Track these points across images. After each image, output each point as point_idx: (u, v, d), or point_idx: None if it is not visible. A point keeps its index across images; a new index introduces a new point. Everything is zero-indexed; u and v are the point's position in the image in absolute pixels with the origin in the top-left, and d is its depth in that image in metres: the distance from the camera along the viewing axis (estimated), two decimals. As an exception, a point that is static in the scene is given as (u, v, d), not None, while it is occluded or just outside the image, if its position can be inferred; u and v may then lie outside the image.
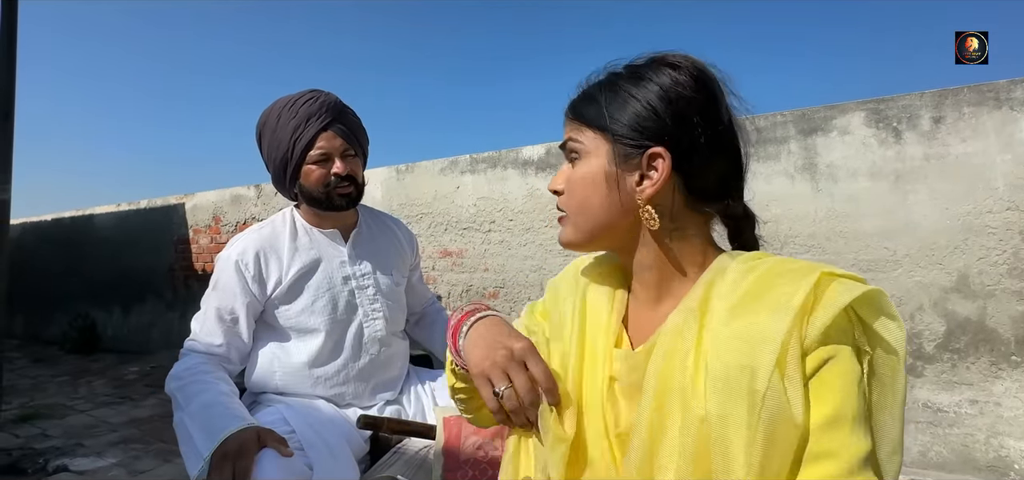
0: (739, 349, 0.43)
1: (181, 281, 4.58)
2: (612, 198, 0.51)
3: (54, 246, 5.78)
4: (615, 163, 0.51)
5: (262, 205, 4.04)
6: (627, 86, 0.51)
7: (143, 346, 4.83)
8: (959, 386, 2.02)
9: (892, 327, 0.43)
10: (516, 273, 3.01)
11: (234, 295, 1.02)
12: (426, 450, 0.99)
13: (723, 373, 0.43)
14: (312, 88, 1.08)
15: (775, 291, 0.44)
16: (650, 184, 0.50)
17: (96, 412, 3.08)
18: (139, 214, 4.94)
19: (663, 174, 0.49)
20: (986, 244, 1.97)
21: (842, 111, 2.23)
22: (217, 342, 1.01)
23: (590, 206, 0.52)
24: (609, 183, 0.51)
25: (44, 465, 2.27)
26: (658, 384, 0.47)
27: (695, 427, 0.43)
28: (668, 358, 0.47)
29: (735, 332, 0.44)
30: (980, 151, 1.98)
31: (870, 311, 0.43)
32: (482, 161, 3.13)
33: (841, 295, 0.42)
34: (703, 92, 0.51)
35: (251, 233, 1.08)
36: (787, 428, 0.41)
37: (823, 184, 2.24)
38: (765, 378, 0.41)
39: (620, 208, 0.51)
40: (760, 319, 0.43)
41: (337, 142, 1.05)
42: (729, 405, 0.42)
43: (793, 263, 0.47)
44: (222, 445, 0.79)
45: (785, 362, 0.41)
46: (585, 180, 0.52)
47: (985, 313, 1.97)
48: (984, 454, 1.94)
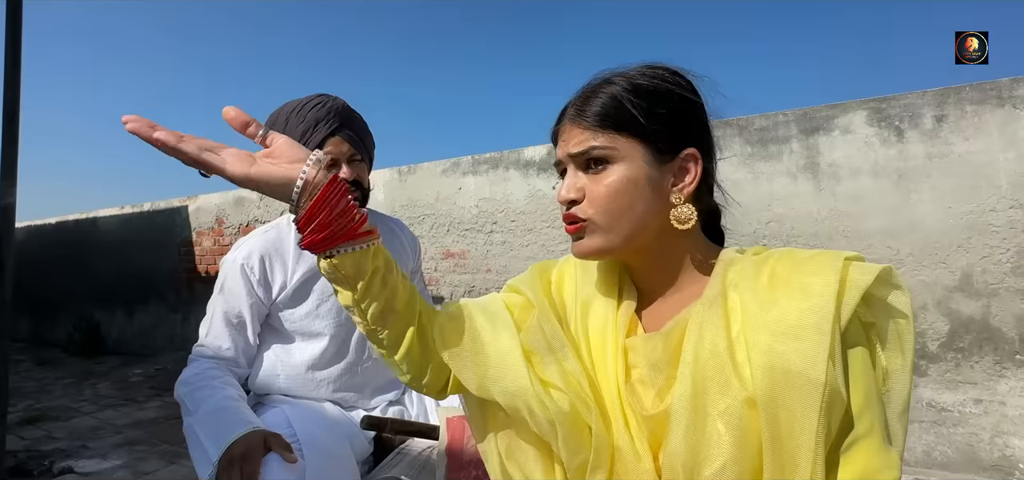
0: (784, 338, 0.45)
1: (185, 283, 4.60)
2: (652, 201, 0.52)
3: (58, 249, 5.81)
4: (653, 166, 0.52)
5: (265, 207, 4.06)
6: (648, 93, 0.53)
7: (147, 348, 4.85)
8: (963, 385, 2.01)
9: (901, 296, 0.47)
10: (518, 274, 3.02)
11: (240, 299, 1.03)
12: (430, 450, 0.99)
13: (768, 361, 0.45)
14: (320, 92, 1.08)
15: (805, 279, 0.46)
16: (687, 184, 0.53)
17: (101, 414, 3.09)
18: (143, 217, 4.96)
19: (697, 173, 0.53)
20: (990, 243, 1.96)
21: (844, 110, 2.23)
22: (225, 346, 1.02)
23: (631, 211, 0.52)
24: (652, 186, 0.52)
25: (49, 467, 2.29)
26: (694, 368, 0.48)
27: (739, 411, 0.45)
28: (698, 342, 0.49)
29: (775, 321, 0.46)
30: (983, 149, 1.98)
31: (884, 286, 0.47)
32: (484, 162, 3.13)
33: (862, 277, 0.46)
34: (699, 97, 0.55)
35: (256, 236, 1.08)
36: (839, 410, 0.44)
37: (825, 183, 2.24)
38: (822, 368, 0.43)
39: (655, 211, 0.53)
40: (802, 308, 0.45)
41: (344, 147, 1.05)
42: (782, 391, 0.44)
43: (804, 252, 0.50)
44: (228, 450, 0.80)
45: (834, 351, 0.43)
46: (623, 185, 0.52)
47: (989, 312, 1.97)
48: (989, 453, 1.94)
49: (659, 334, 0.53)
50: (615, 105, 0.52)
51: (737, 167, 2.42)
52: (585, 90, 0.55)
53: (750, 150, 2.41)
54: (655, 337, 0.53)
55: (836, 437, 0.44)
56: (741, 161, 2.42)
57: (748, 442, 0.45)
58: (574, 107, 0.55)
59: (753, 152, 2.40)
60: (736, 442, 0.45)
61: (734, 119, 2.46)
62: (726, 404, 0.46)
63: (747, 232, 2.36)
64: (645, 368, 0.53)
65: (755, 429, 0.45)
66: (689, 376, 0.48)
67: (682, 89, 0.54)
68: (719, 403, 0.46)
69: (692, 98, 0.54)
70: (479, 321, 0.58)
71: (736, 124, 2.44)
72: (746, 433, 0.45)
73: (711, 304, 0.50)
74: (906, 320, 0.47)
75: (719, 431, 0.46)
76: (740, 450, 0.45)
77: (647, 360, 0.53)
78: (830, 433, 0.43)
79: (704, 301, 0.51)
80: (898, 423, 0.48)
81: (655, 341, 0.53)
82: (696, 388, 0.47)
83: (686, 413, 0.47)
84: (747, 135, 2.42)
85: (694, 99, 0.54)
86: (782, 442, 0.43)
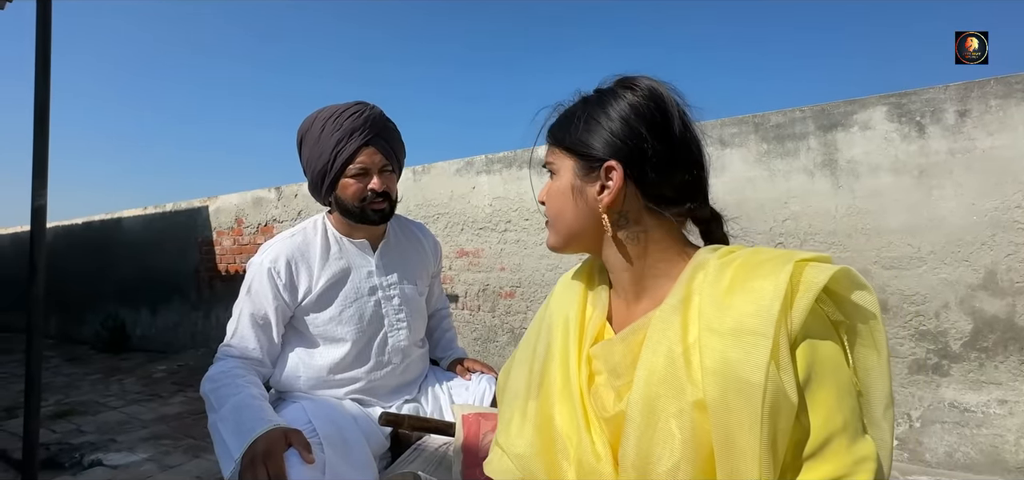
0: (733, 343, 0.46)
1: (206, 282, 4.70)
2: (579, 207, 0.59)
3: (85, 249, 5.98)
4: (579, 177, 0.59)
5: (282, 207, 4.13)
6: (590, 109, 0.59)
7: (170, 345, 4.97)
8: (987, 386, 1.97)
9: (866, 295, 0.48)
10: (532, 272, 3.03)
11: (266, 301, 1.05)
12: (446, 447, 1.01)
13: (720, 366, 0.46)
14: (358, 101, 1.09)
15: (755, 283, 0.47)
16: (607, 194, 0.57)
17: (127, 409, 3.19)
18: (164, 217, 5.09)
19: (616, 184, 0.56)
20: (1015, 240, 1.92)
21: (863, 106, 2.19)
22: (251, 346, 1.04)
23: (564, 215, 0.60)
24: (575, 194, 0.59)
25: (80, 459, 2.37)
26: (648, 371, 0.50)
27: (690, 413, 0.47)
28: (655, 347, 0.51)
29: (726, 326, 0.47)
30: (1008, 144, 1.93)
31: (845, 285, 0.48)
32: (497, 161, 3.15)
33: (816, 277, 0.46)
34: (655, 110, 0.56)
35: (283, 240, 1.10)
36: (787, 414, 0.44)
37: (844, 180, 2.21)
38: (762, 372, 0.44)
39: (587, 215, 0.59)
40: (747, 311, 0.46)
41: (377, 158, 1.06)
42: (730, 395, 0.45)
43: (765, 253, 0.51)
44: (251, 447, 0.82)
45: (778, 353, 0.44)
46: (559, 192, 0.61)
47: (1014, 311, 1.92)
48: (1014, 455, 1.89)
49: (618, 338, 0.56)
50: (558, 123, 0.62)
51: (752, 165, 2.39)
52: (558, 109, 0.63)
53: (766, 147, 2.38)
54: (615, 341, 0.56)
55: (798, 439, 0.45)
56: (757, 158, 2.39)
57: (700, 443, 0.46)
58: (548, 123, 0.63)
59: (769, 149, 2.37)
60: (688, 443, 0.46)
61: (749, 116, 2.43)
62: (678, 407, 0.47)
63: (763, 230, 2.34)
64: (606, 371, 0.57)
65: (706, 432, 0.46)
66: (644, 379, 0.50)
67: (610, 107, 0.57)
68: (671, 406, 0.48)
69: (630, 112, 0.56)
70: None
71: (751, 121, 2.42)
72: (697, 435, 0.46)
73: (673, 309, 0.52)
74: (875, 319, 0.48)
75: (672, 432, 0.47)
76: (693, 451, 0.46)
77: (606, 364, 0.56)
78: (777, 436, 0.44)
79: (666, 307, 0.53)
80: (883, 420, 0.49)
81: (614, 345, 0.56)
82: (649, 391, 0.49)
83: (640, 414, 0.49)
84: (763, 132, 2.39)
85: (639, 112, 0.56)
86: (730, 445, 0.44)
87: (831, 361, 0.46)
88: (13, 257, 7.04)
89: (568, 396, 0.58)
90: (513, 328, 3.10)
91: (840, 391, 0.46)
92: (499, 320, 3.15)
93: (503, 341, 3.14)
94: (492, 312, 3.17)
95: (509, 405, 0.66)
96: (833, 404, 0.45)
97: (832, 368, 0.46)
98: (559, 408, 0.58)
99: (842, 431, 0.45)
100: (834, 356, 0.46)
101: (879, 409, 0.49)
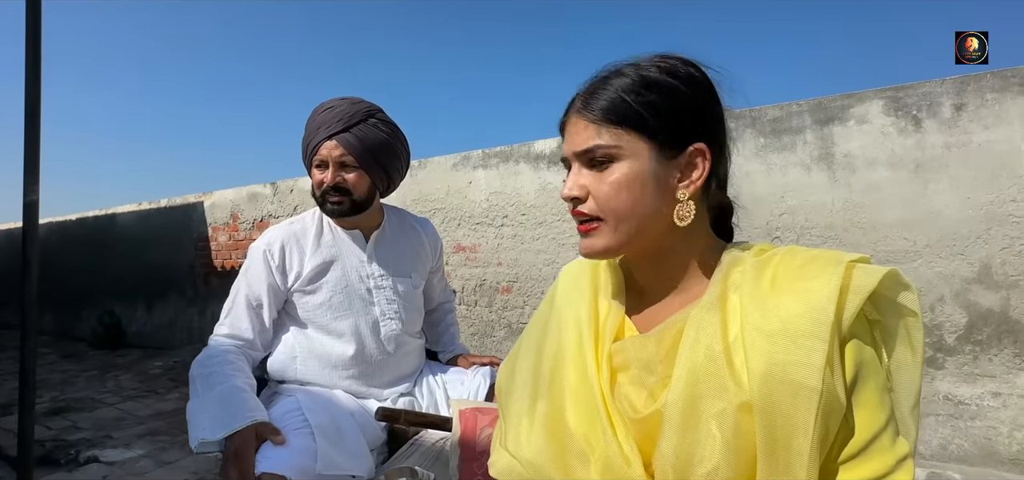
0: (784, 345, 0.44)
1: (201, 278, 4.68)
2: (658, 198, 0.51)
3: (79, 245, 5.95)
4: (660, 162, 0.51)
5: (278, 202, 4.11)
6: (659, 86, 0.51)
7: (166, 341, 4.95)
8: (981, 378, 1.98)
9: (909, 295, 0.47)
10: (529, 267, 3.02)
11: (260, 282, 1.08)
12: (442, 442, 1.01)
13: (766, 367, 0.44)
14: (351, 97, 1.10)
15: (804, 284, 0.46)
16: (693, 181, 0.51)
17: (123, 405, 3.17)
18: (160, 213, 5.06)
19: (705, 170, 0.51)
20: (1010, 233, 1.92)
21: (860, 100, 2.19)
22: (244, 327, 1.07)
23: (637, 209, 0.51)
24: (657, 183, 0.51)
25: (75, 456, 2.36)
26: (689, 370, 0.47)
27: (733, 414, 0.44)
28: (694, 345, 0.48)
29: (773, 326, 0.45)
30: (1004, 138, 1.93)
31: (892, 287, 0.47)
32: (494, 156, 3.14)
33: (866, 281, 0.45)
34: (713, 90, 0.54)
35: (282, 226, 1.14)
36: (837, 415, 0.43)
37: (840, 174, 2.21)
38: (819, 376, 0.42)
39: (660, 208, 0.51)
40: (796, 312, 0.44)
41: (336, 152, 1.06)
42: (781, 397, 0.43)
43: (804, 252, 0.49)
44: (225, 449, 0.85)
45: (833, 357, 0.43)
46: (629, 183, 0.51)
47: (1008, 304, 1.93)
48: (1007, 447, 1.91)
49: (651, 335, 0.52)
50: (620, 100, 0.51)
51: (749, 158, 2.39)
52: (593, 82, 0.54)
53: (763, 141, 2.38)
54: (647, 337, 0.52)
55: (835, 441, 0.44)
56: (753, 152, 2.39)
57: (742, 446, 0.44)
58: (581, 99, 0.54)
59: (766, 143, 2.37)
60: (729, 445, 0.44)
61: (746, 110, 2.43)
62: (720, 407, 0.45)
63: (760, 225, 2.34)
64: (636, 369, 0.52)
65: (749, 433, 0.44)
66: (684, 377, 0.47)
67: (693, 82, 0.52)
68: (713, 406, 0.45)
69: (704, 91, 0.53)
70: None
71: (748, 115, 2.41)
72: (740, 437, 0.44)
73: (710, 307, 0.49)
74: (915, 318, 0.47)
75: (712, 433, 0.45)
76: (733, 453, 0.44)
77: (638, 361, 0.52)
78: (827, 440, 0.43)
79: (703, 304, 0.50)
80: (910, 418, 0.48)
81: (647, 341, 0.52)
82: (690, 390, 0.46)
83: (679, 414, 0.46)
84: (760, 126, 2.39)
85: (705, 93, 0.53)
86: (777, 448, 0.43)
87: (873, 361, 0.46)
88: (7, 253, 7.00)
89: (584, 397, 0.53)
90: (510, 323, 3.10)
91: (881, 391, 0.45)
92: (496, 315, 3.15)
93: (500, 336, 3.14)
94: (489, 307, 3.17)
95: (515, 407, 0.61)
96: (876, 403, 0.45)
97: (874, 368, 0.45)
98: (573, 409, 0.53)
99: (884, 430, 0.44)
100: (874, 356, 0.46)
101: (908, 407, 0.48)
